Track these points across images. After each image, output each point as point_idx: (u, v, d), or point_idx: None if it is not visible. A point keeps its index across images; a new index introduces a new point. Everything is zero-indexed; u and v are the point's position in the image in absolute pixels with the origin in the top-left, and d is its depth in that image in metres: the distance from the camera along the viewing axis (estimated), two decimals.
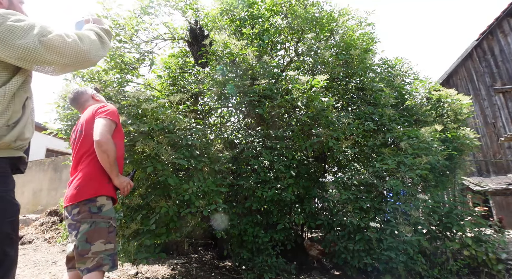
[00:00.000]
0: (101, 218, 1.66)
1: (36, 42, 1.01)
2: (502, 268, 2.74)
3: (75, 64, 1.10)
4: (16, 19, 1.02)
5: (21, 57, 1.00)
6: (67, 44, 1.07)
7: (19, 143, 1.06)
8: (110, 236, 1.66)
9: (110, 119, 1.72)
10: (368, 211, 2.94)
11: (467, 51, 8.93)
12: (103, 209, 1.68)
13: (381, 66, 4.29)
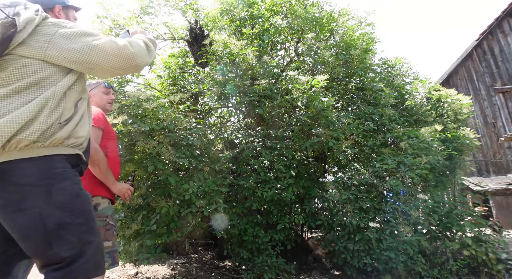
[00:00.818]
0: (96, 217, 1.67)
1: (89, 46, 1.11)
2: (502, 268, 2.74)
3: (123, 68, 1.19)
4: (69, 26, 1.13)
5: (75, 60, 1.09)
6: (119, 48, 1.15)
7: (73, 140, 1.11)
8: (107, 233, 1.68)
9: (94, 128, 1.68)
10: (368, 211, 2.94)
11: (467, 51, 8.94)
12: (98, 207, 1.71)
13: (381, 66, 4.30)
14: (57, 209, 1.01)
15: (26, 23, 1.04)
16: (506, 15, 8.76)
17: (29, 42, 1.06)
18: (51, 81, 1.08)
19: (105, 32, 3.41)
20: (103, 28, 3.41)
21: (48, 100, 1.04)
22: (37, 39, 1.07)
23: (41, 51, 1.07)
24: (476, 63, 8.87)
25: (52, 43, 1.08)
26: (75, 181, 1.10)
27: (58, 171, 1.06)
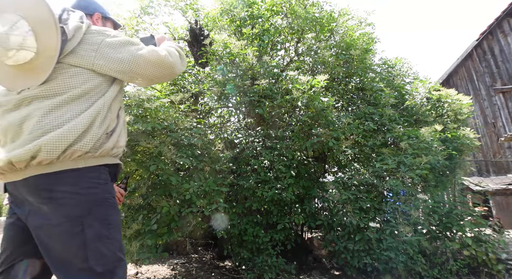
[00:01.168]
0: None
1: (134, 56, 1.12)
2: (502, 268, 2.74)
3: (163, 77, 1.21)
4: (113, 35, 1.14)
5: (120, 70, 1.11)
6: (160, 58, 1.17)
7: (116, 150, 1.13)
8: None
9: None
10: (368, 211, 2.94)
11: (467, 51, 8.94)
12: None
13: (381, 66, 4.29)
14: (97, 221, 1.00)
15: (74, 31, 1.06)
16: (506, 15, 8.76)
17: (78, 51, 1.06)
18: (99, 91, 1.09)
19: None
20: None
21: (99, 111, 1.06)
22: (85, 48, 1.07)
23: (89, 61, 1.07)
24: (476, 63, 8.88)
25: (99, 52, 1.09)
26: (114, 195, 1.11)
27: (101, 182, 1.07)
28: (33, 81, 1.02)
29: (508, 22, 8.77)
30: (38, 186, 0.98)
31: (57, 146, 0.96)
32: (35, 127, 0.98)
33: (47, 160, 0.97)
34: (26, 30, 0.97)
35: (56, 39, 1.00)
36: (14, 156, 0.94)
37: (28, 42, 0.97)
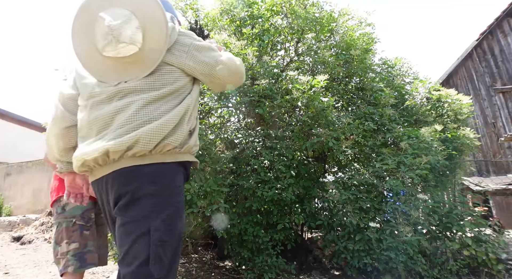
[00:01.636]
0: (64, 218, 1.69)
1: (217, 61, 1.17)
2: (502, 268, 2.74)
3: (234, 83, 1.27)
4: (199, 39, 1.19)
5: (204, 72, 1.15)
6: (237, 66, 1.23)
7: (195, 148, 1.17)
8: (73, 235, 1.66)
9: None
10: (368, 211, 2.94)
11: (467, 51, 8.94)
12: (67, 208, 1.70)
13: (381, 66, 4.30)
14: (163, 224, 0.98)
15: (171, 31, 1.10)
16: (506, 15, 8.76)
17: (172, 50, 1.10)
18: (186, 90, 1.13)
19: None
20: None
21: (187, 109, 1.09)
22: (178, 48, 1.12)
23: (181, 61, 1.11)
24: (476, 63, 8.88)
25: (189, 54, 1.13)
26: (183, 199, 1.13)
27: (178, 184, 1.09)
28: (134, 75, 1.05)
29: (508, 22, 8.77)
30: (128, 177, 0.99)
31: (153, 138, 0.98)
32: (131, 119, 1.00)
33: (142, 152, 0.98)
34: (136, 25, 1.02)
35: (165, 38, 1.05)
36: (112, 146, 0.95)
37: (136, 37, 1.02)
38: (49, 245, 5.24)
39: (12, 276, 3.42)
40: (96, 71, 1.07)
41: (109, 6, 1.02)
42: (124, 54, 1.02)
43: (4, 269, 3.73)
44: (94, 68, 1.07)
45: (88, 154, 0.98)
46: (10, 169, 9.65)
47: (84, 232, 1.69)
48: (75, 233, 1.66)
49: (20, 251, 4.83)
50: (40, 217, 6.75)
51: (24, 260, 4.16)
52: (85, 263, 1.63)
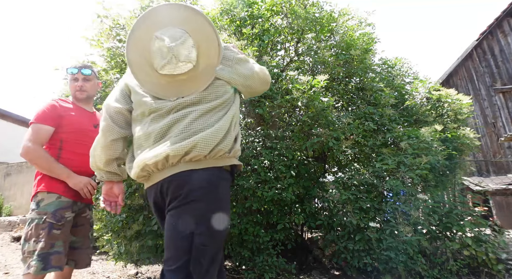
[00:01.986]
0: (37, 214, 1.63)
1: (253, 73, 1.28)
2: (502, 268, 2.74)
3: (264, 90, 1.39)
4: (237, 52, 1.29)
5: (244, 84, 1.26)
6: (266, 76, 1.35)
7: (239, 152, 1.25)
8: (41, 233, 1.57)
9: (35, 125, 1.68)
10: (368, 211, 2.94)
11: (467, 51, 8.94)
12: (41, 204, 1.65)
13: (381, 66, 4.29)
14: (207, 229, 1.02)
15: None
16: (506, 15, 8.76)
17: (220, 65, 1.19)
18: (231, 100, 1.23)
19: (105, 32, 3.40)
20: (103, 28, 3.41)
21: (233, 117, 1.18)
22: (224, 63, 1.20)
23: (228, 75, 1.20)
24: (476, 63, 8.87)
25: (233, 67, 1.22)
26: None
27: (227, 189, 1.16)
28: (192, 91, 1.14)
29: (508, 22, 8.76)
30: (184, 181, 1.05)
31: (209, 143, 1.06)
32: (187, 128, 1.08)
33: (198, 156, 1.05)
34: (192, 44, 1.09)
35: (218, 54, 1.14)
36: (172, 150, 1.02)
37: (192, 55, 1.09)
38: None
39: (12, 276, 3.42)
40: (152, 88, 1.14)
41: (163, 26, 1.09)
42: (180, 71, 1.10)
43: (4, 269, 3.73)
44: (150, 86, 1.14)
45: (149, 158, 1.05)
46: (10, 169, 9.65)
47: (53, 231, 1.59)
48: (44, 232, 1.57)
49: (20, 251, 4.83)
50: None
51: None
52: (49, 265, 1.53)
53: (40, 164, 1.67)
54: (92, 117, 1.95)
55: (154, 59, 1.08)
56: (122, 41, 3.53)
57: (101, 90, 3.12)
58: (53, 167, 1.67)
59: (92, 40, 3.36)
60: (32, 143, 1.65)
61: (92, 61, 3.37)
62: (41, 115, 1.70)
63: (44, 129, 1.69)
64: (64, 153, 1.74)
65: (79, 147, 1.77)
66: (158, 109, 1.13)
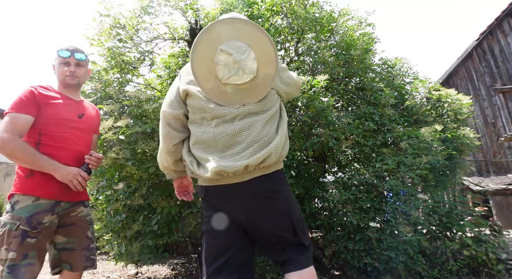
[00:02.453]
0: (10, 218, 1.42)
1: (293, 81, 1.43)
2: (502, 268, 2.74)
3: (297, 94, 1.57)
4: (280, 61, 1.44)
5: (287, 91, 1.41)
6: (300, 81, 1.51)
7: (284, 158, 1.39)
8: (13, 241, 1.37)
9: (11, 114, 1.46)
10: (368, 211, 2.94)
11: (467, 51, 8.94)
12: (16, 206, 1.44)
13: (381, 66, 4.29)
14: (295, 208, 1.31)
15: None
16: (506, 15, 8.76)
17: None
18: (279, 109, 1.35)
19: (106, 31, 3.40)
20: (103, 27, 3.41)
21: (284, 123, 1.32)
22: None
23: (277, 84, 1.32)
24: (476, 63, 8.87)
25: (279, 76, 1.34)
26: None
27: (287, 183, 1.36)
28: (252, 99, 1.26)
29: (508, 22, 8.76)
30: (262, 185, 1.23)
31: (279, 152, 1.22)
32: (257, 137, 1.21)
33: (270, 163, 1.21)
34: (253, 57, 1.21)
35: (275, 66, 1.26)
36: (251, 162, 1.16)
37: (254, 67, 1.21)
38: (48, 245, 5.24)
39: None
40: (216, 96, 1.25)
41: (227, 40, 1.20)
42: (242, 82, 1.21)
43: None
44: (214, 94, 1.24)
45: (229, 167, 1.16)
46: (10, 169, 9.65)
47: (27, 240, 1.40)
48: (16, 240, 1.38)
49: None
50: None
51: None
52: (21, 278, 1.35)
53: (20, 156, 1.43)
54: (78, 106, 1.71)
55: (219, 70, 1.20)
56: (122, 41, 3.53)
57: (101, 90, 3.12)
58: (36, 158, 1.44)
59: (93, 39, 3.36)
60: (9, 133, 1.41)
61: (93, 61, 3.37)
62: (17, 103, 1.48)
63: (21, 118, 1.46)
64: (43, 148, 1.51)
65: (60, 141, 1.56)
66: (222, 116, 1.23)
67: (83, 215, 1.67)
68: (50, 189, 1.50)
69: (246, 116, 1.23)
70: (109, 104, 2.61)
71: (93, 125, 1.79)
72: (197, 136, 1.27)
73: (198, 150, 1.27)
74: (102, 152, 2.52)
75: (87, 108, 1.76)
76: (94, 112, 1.84)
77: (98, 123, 1.87)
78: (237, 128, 1.21)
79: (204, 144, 1.25)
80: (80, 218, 1.66)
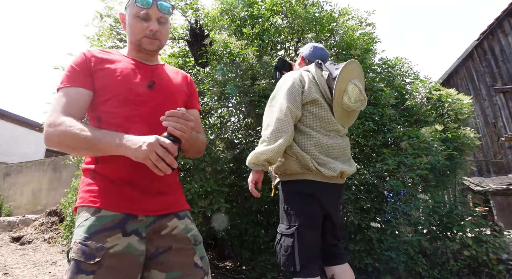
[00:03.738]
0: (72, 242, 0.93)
1: None
2: (503, 268, 2.74)
3: None
4: None
5: None
6: None
7: None
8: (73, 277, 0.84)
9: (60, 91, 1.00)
10: (368, 211, 2.93)
11: (468, 51, 8.93)
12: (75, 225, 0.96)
13: (381, 66, 4.28)
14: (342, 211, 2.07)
15: None
16: (507, 15, 8.74)
17: None
18: None
19: (106, 30, 3.40)
20: (104, 26, 3.41)
21: None
22: None
23: None
24: (477, 63, 8.86)
25: None
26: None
27: None
28: (350, 123, 1.76)
29: (509, 22, 8.75)
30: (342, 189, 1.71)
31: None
32: (349, 154, 1.70)
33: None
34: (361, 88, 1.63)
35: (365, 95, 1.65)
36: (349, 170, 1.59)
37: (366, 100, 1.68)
38: (48, 245, 5.24)
39: (12, 276, 3.41)
40: (337, 114, 1.61)
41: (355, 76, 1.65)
42: (361, 109, 1.72)
43: (4, 269, 3.72)
44: (338, 113, 1.61)
45: (347, 171, 1.58)
46: (9, 169, 9.64)
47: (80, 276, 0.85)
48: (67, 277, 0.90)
49: (20, 251, 4.83)
50: (40, 217, 6.74)
51: (23, 261, 4.16)
52: None
53: (71, 144, 0.91)
54: (151, 72, 1.13)
55: (346, 96, 1.59)
56: (123, 41, 3.53)
57: None
58: (93, 138, 0.88)
59: (93, 39, 3.36)
60: (54, 116, 0.93)
61: None
62: (67, 75, 1.01)
63: (72, 92, 0.99)
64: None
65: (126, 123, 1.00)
66: (338, 131, 1.63)
67: (181, 231, 1.03)
68: (116, 194, 0.96)
69: (344, 135, 1.69)
70: None
71: (174, 96, 1.14)
72: (318, 140, 1.54)
73: (317, 152, 1.52)
74: None
75: (166, 74, 1.19)
76: (179, 78, 1.23)
77: (185, 93, 1.22)
78: (344, 144, 1.63)
79: (324, 147, 1.54)
80: (178, 237, 1.01)
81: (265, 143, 1.48)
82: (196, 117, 1.24)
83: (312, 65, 1.72)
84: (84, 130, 0.89)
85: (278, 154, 1.47)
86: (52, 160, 8.91)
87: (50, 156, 12.01)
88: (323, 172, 1.47)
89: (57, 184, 8.30)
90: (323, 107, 1.57)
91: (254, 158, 1.51)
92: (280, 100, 1.52)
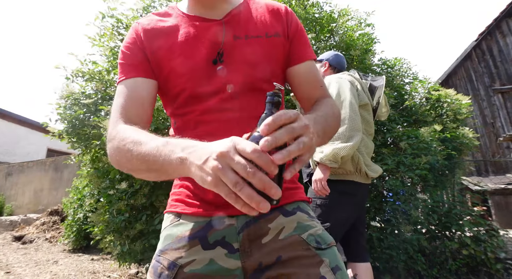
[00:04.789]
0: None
1: None
2: (501, 267, 2.76)
3: None
4: None
5: None
6: None
7: None
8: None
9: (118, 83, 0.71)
10: (368, 210, 2.96)
11: (466, 52, 8.97)
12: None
13: (380, 66, 4.31)
14: None
15: None
16: (505, 16, 8.79)
17: None
18: None
19: (108, 30, 3.41)
20: (105, 26, 3.42)
21: None
22: None
23: None
24: (475, 63, 8.90)
25: None
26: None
27: None
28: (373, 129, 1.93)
29: (507, 23, 8.79)
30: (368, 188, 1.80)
31: None
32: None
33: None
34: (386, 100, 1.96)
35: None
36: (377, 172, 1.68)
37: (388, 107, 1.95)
38: (50, 245, 5.26)
39: (14, 275, 3.44)
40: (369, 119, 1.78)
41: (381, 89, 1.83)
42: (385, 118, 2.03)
43: (6, 268, 3.74)
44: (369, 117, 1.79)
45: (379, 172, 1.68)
46: (11, 168, 9.66)
47: None
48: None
49: (21, 251, 4.85)
50: (41, 216, 6.76)
51: (25, 260, 4.18)
52: None
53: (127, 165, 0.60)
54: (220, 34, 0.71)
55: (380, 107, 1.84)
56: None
57: (103, 91, 3.13)
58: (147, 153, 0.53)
59: (94, 39, 3.37)
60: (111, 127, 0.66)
61: (93, 61, 3.38)
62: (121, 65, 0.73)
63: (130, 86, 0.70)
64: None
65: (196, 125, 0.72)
66: (372, 135, 1.81)
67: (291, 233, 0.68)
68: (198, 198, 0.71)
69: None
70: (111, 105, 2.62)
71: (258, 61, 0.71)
72: (366, 142, 1.65)
73: (365, 153, 1.62)
74: (103, 152, 2.54)
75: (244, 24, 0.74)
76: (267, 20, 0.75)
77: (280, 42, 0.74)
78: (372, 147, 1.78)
79: (369, 149, 1.67)
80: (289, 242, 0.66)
81: (340, 140, 1.49)
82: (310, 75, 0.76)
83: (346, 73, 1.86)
84: (138, 143, 0.56)
85: (353, 152, 1.53)
86: (53, 159, 8.93)
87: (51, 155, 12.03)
88: (369, 173, 1.60)
89: (59, 184, 8.32)
90: (369, 112, 1.75)
91: (331, 155, 1.44)
92: (348, 98, 1.58)
